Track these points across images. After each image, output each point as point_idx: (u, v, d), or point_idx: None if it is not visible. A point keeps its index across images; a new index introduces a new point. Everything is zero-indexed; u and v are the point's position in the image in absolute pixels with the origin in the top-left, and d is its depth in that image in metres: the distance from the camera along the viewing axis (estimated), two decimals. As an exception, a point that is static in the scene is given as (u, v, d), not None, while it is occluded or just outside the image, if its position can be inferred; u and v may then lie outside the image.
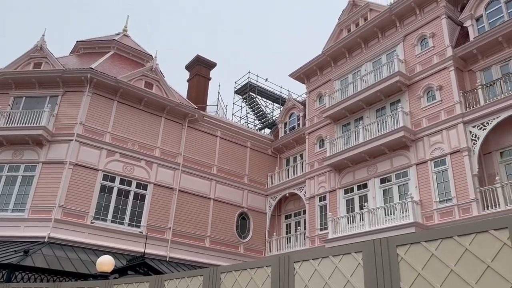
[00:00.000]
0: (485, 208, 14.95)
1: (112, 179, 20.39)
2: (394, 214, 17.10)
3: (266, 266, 5.54)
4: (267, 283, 5.51)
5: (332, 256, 4.71)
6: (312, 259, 4.98)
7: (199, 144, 24.05)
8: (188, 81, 28.97)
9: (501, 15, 17.09)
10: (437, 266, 3.70)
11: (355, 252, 4.45)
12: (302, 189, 23.30)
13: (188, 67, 29.04)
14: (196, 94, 27.16)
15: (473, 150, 15.97)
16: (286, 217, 25.36)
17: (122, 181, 20.67)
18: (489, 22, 17.50)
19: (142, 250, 18.69)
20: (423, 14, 19.55)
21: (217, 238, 22.90)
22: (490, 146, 16.12)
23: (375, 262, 4.18)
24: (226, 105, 39.31)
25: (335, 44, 23.08)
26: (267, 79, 32.65)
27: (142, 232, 20.24)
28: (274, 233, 24.50)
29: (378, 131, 19.16)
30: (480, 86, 16.49)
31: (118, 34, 28.28)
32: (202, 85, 27.99)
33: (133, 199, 20.73)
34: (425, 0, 19.40)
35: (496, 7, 17.37)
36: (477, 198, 15.16)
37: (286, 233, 24.54)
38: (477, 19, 17.87)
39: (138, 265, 14.28)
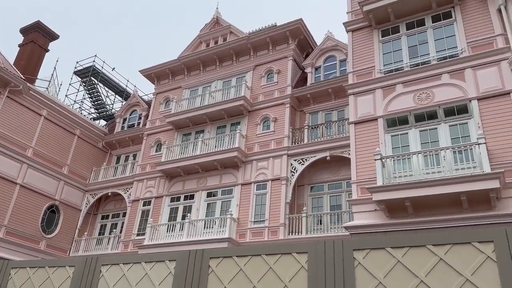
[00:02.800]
0: (290, 233, 16.77)
1: None
2: (212, 228, 17.75)
3: (69, 266, 5.02)
4: (66, 284, 4.99)
5: (145, 262, 4.55)
6: (123, 264, 4.72)
7: (17, 120, 20.90)
8: (20, 45, 25.13)
9: (335, 70, 19.92)
10: (243, 282, 3.90)
11: (169, 261, 4.39)
12: (128, 191, 22.32)
13: (24, 31, 25.26)
14: (27, 63, 23.70)
15: (290, 181, 17.87)
16: (103, 217, 23.80)
17: None
18: (324, 73, 20.18)
19: None
20: (275, 51, 21.38)
21: (16, 229, 19.96)
22: (304, 179, 18.29)
23: (187, 272, 4.19)
24: (61, 84, 35.23)
25: (192, 54, 23.29)
26: (114, 68, 30.83)
27: None
28: (86, 233, 22.66)
29: (215, 147, 19.86)
30: (306, 127, 18.71)
31: None
32: (36, 55, 24.61)
33: None
34: (278, 39, 21.28)
35: (333, 62, 20.19)
36: (285, 224, 16.92)
37: (100, 234, 22.99)
38: (316, 68, 20.43)
39: None
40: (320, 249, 3.62)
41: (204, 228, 17.98)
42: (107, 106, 29.72)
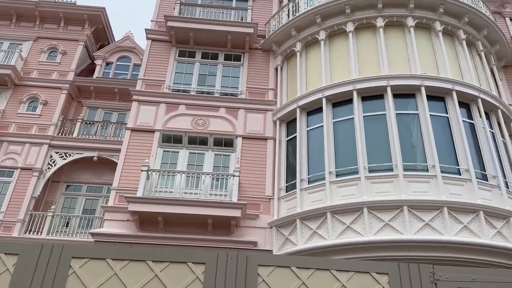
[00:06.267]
0: (28, 232, 14.78)
1: None
2: None
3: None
4: None
5: None
6: None
7: None
8: None
9: (127, 72, 19.36)
10: None
11: None
12: None
13: None
14: None
15: (45, 174, 15.97)
16: None
17: None
18: (115, 71, 19.33)
19: None
20: (66, 30, 19.33)
21: None
22: (62, 175, 16.64)
23: None
24: None
25: (-44, -5, 18.72)
26: None
27: None
28: None
29: (-45, 113, 16.10)
30: (80, 120, 17.30)
31: None
32: None
33: None
34: (74, 19, 19.39)
35: (127, 63, 19.60)
36: (25, 220, 14.86)
37: None
38: (108, 64, 19.39)
39: None
40: (35, 252, 3.22)
41: None
42: None
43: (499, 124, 13.06)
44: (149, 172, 12.74)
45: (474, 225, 10.44)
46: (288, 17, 15.31)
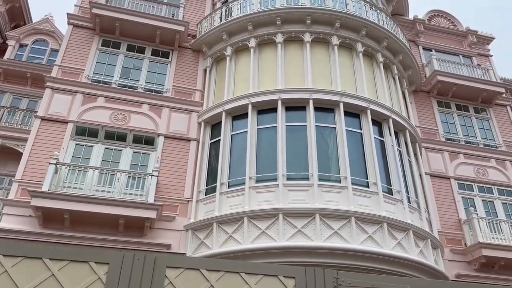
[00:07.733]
0: None
1: None
2: None
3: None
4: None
5: None
6: None
7: None
8: None
9: (43, 57, 17.93)
10: None
11: None
12: None
13: None
14: None
15: None
16: None
17: None
18: (29, 54, 17.82)
19: None
20: (-25, 2, 17.47)
21: None
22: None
23: None
24: None
25: None
26: None
27: None
28: None
29: None
30: (-17, 103, 15.67)
31: None
32: None
33: None
34: (-14, -8, 17.59)
35: (43, 47, 18.18)
36: None
37: None
38: (22, 45, 17.80)
39: None
40: None
41: None
42: None
43: (406, 144, 14.20)
44: (58, 166, 11.85)
45: (378, 235, 11.18)
46: (221, 20, 15.31)
